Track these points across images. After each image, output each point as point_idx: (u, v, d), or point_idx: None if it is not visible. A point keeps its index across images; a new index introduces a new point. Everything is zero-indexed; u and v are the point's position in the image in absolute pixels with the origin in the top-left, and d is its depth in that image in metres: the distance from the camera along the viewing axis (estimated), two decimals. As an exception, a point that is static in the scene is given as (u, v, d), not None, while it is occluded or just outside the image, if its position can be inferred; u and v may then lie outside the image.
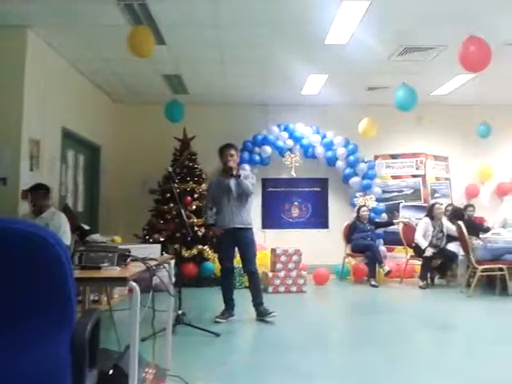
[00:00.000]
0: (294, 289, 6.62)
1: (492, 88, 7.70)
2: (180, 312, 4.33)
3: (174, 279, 3.20)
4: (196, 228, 7.31)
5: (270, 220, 8.71)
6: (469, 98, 8.20)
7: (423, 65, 6.56)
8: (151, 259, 2.60)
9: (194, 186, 7.56)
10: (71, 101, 6.64)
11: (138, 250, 2.81)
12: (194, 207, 7.43)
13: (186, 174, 7.58)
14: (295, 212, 8.80)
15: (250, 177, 4.83)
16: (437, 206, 7.36)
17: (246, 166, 7.93)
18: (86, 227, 4.95)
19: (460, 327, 4.82)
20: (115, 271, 2.22)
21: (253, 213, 8.34)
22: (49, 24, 5.26)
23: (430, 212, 7.34)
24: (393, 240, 7.98)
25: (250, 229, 4.89)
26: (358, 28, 5.29)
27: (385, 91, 7.66)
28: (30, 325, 1.38)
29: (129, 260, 2.44)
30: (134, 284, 2.04)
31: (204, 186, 7.67)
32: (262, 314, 4.71)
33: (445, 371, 3.32)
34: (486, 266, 6.12)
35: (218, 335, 4.14)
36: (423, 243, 7.10)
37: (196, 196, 7.53)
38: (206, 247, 7.25)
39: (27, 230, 1.34)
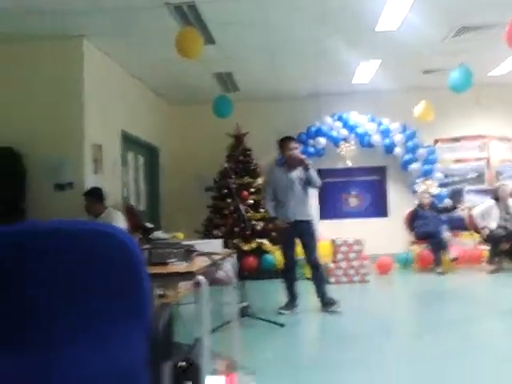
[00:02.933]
0: (356, 279, 6.54)
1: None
2: (244, 304, 4.39)
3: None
4: (254, 222, 7.38)
5: (328, 211, 8.62)
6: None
7: (478, 45, 6.25)
8: (215, 253, 2.65)
9: (250, 180, 7.63)
10: (129, 105, 6.86)
11: (200, 245, 2.87)
12: (251, 201, 7.50)
13: (242, 170, 7.66)
14: (353, 202, 8.67)
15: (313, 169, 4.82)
16: (502, 187, 7.03)
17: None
18: (150, 225, 5.10)
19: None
20: (182, 266, 2.28)
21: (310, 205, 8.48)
22: (103, 33, 5.45)
23: (496, 193, 7.02)
24: (458, 226, 7.66)
25: (312, 220, 4.88)
26: (409, 13, 5.12)
27: (440, 74, 7.36)
28: (108, 321, 1.43)
29: (194, 255, 2.50)
30: (201, 277, 2.09)
31: (260, 180, 7.72)
32: (326, 305, 4.68)
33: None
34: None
35: (282, 326, 4.17)
36: (480, 222, 6.83)
37: (252, 190, 7.59)
38: (265, 240, 7.31)
39: (100, 230, 1.40)
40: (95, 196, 5.05)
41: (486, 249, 7.14)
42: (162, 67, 6.79)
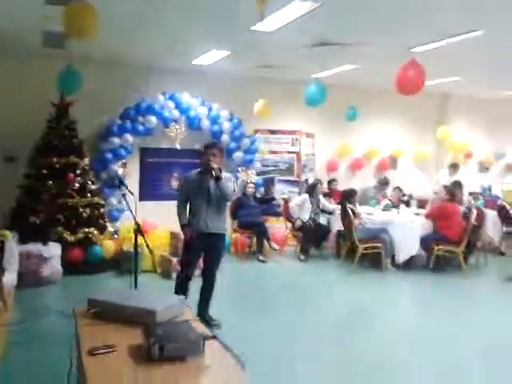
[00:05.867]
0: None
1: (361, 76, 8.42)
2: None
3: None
4: (81, 209, 6.55)
5: (148, 192, 8.25)
6: (341, 82, 8.79)
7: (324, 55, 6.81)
8: None
9: (76, 160, 6.66)
10: None
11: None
12: (77, 185, 6.60)
13: (65, 147, 6.62)
14: (175, 183, 8.50)
15: (231, 180, 4.52)
16: (319, 185, 7.97)
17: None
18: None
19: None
20: None
21: (129, 186, 7.95)
22: None
23: (312, 190, 7.91)
24: (272, 212, 8.42)
25: (224, 234, 4.68)
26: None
27: (275, 69, 7.78)
28: None
29: None
30: None
31: (86, 160, 6.85)
32: (207, 321, 4.57)
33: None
34: (366, 245, 6.98)
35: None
36: (295, 213, 7.71)
37: (78, 172, 6.67)
38: (92, 229, 6.57)
39: None
40: None
41: (296, 235, 8.02)
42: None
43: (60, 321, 4.64)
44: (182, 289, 4.56)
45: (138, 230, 3.82)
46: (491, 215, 8.08)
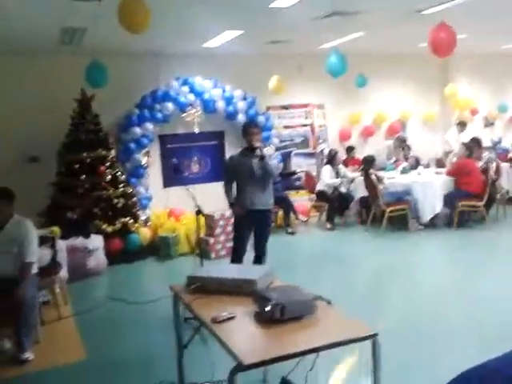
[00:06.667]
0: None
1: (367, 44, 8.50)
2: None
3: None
4: (115, 200, 6.71)
5: (171, 178, 8.38)
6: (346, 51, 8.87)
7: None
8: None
9: (104, 153, 6.79)
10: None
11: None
12: (109, 177, 6.74)
13: (92, 141, 6.73)
14: (195, 167, 8.65)
15: (272, 157, 4.69)
16: (338, 155, 8.15)
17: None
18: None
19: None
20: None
21: (153, 173, 8.08)
22: None
23: (333, 159, 8.09)
24: (295, 186, 8.65)
25: (270, 210, 4.87)
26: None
27: (283, 44, 7.86)
28: None
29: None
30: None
31: (113, 152, 6.99)
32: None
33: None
34: (392, 208, 7.21)
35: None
36: (335, 182, 7.91)
37: (108, 164, 6.80)
38: (128, 219, 6.74)
39: None
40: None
41: (318, 206, 8.24)
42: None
43: (122, 307, 4.87)
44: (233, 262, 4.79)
45: (199, 212, 4.02)
46: (504, 167, 8.33)
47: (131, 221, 6.76)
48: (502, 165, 8.14)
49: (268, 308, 2.24)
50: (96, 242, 6.22)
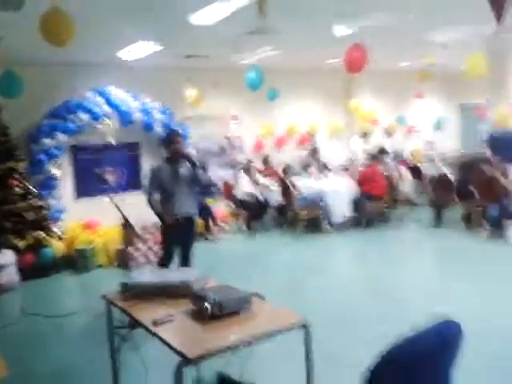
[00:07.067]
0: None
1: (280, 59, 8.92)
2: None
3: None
4: (25, 214, 6.41)
5: (83, 189, 8.14)
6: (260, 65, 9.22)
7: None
8: None
9: (14, 165, 6.47)
10: None
11: None
12: (19, 189, 6.43)
13: (2, 153, 6.39)
14: (110, 178, 8.47)
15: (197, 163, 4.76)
16: (253, 165, 8.46)
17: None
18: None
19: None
20: None
21: (64, 184, 7.77)
22: None
23: (249, 169, 8.41)
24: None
25: (195, 216, 4.98)
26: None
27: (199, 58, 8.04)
28: None
29: None
30: None
31: (22, 164, 6.68)
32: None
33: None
34: (306, 212, 7.64)
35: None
36: (253, 190, 8.22)
37: (17, 177, 6.48)
38: (40, 232, 6.47)
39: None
40: None
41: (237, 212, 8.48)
42: None
43: (39, 321, 4.72)
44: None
45: (127, 223, 4.03)
46: (405, 173, 9.17)
47: (43, 234, 6.49)
48: (403, 171, 8.96)
49: (206, 305, 2.37)
50: (7, 257, 5.92)
